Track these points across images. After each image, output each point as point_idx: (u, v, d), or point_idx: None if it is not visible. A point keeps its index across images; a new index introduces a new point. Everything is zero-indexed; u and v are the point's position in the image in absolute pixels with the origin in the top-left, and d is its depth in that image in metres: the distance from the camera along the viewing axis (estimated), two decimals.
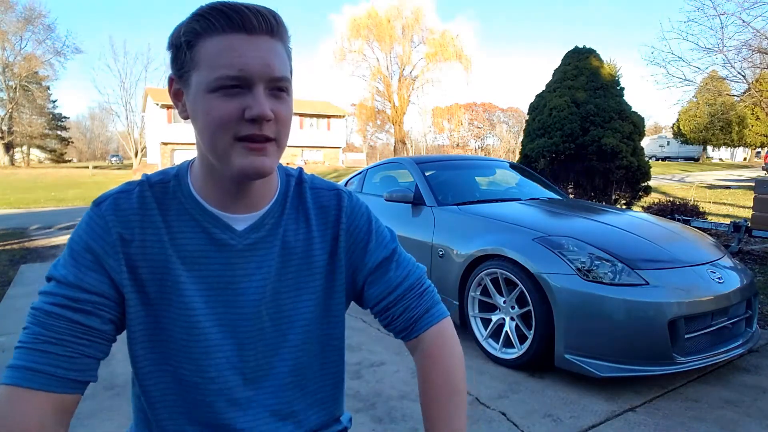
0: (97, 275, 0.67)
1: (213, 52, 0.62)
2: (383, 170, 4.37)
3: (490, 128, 53.43)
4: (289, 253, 0.76)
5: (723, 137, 34.86)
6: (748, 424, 2.02)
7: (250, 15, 0.62)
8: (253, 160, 0.64)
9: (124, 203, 0.70)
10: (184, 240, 0.71)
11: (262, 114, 0.62)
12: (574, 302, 2.29)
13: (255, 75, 0.62)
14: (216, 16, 0.62)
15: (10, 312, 3.58)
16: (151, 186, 0.73)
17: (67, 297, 0.65)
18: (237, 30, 0.62)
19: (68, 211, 11.11)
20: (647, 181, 6.48)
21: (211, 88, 0.62)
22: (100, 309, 0.67)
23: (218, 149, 0.64)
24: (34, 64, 39.40)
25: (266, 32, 0.63)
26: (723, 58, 12.92)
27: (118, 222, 0.69)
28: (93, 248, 0.68)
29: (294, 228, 0.77)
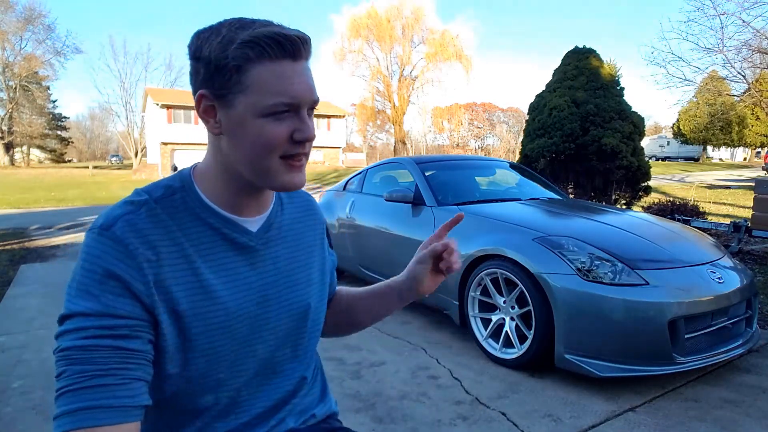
0: (126, 300, 0.64)
1: (266, 79, 0.65)
2: (383, 170, 4.37)
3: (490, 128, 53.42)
4: (297, 245, 0.84)
5: (723, 137, 34.87)
6: (748, 424, 2.02)
7: (299, 43, 0.66)
8: (294, 176, 0.71)
9: (140, 223, 0.67)
10: (208, 249, 0.73)
11: (311, 137, 0.69)
12: (574, 302, 2.29)
13: (303, 101, 0.68)
14: (270, 44, 0.64)
15: (10, 312, 3.58)
16: (157, 202, 0.71)
17: (101, 327, 0.62)
18: (285, 57, 0.66)
19: (68, 211, 11.11)
20: (647, 181, 6.48)
21: (264, 113, 0.66)
22: (138, 331, 0.65)
23: (262, 167, 0.69)
24: (34, 64, 39.42)
25: (306, 58, 0.69)
26: (723, 58, 12.94)
27: (140, 244, 0.66)
28: (117, 275, 0.64)
29: (294, 223, 0.85)
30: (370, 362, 2.66)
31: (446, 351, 2.82)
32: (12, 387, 2.38)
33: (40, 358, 2.70)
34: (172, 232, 0.70)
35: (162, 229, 0.69)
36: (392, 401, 2.23)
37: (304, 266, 0.84)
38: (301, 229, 0.86)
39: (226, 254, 0.74)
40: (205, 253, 0.72)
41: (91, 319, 0.62)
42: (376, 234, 3.72)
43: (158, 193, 0.72)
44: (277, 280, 0.80)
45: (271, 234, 0.80)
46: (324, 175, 24.22)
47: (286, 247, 0.82)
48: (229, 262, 0.74)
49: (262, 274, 0.78)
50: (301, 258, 0.84)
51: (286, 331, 0.82)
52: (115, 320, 0.63)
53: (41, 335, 3.07)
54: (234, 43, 0.64)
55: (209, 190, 0.74)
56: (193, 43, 0.67)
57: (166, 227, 0.69)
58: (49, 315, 3.45)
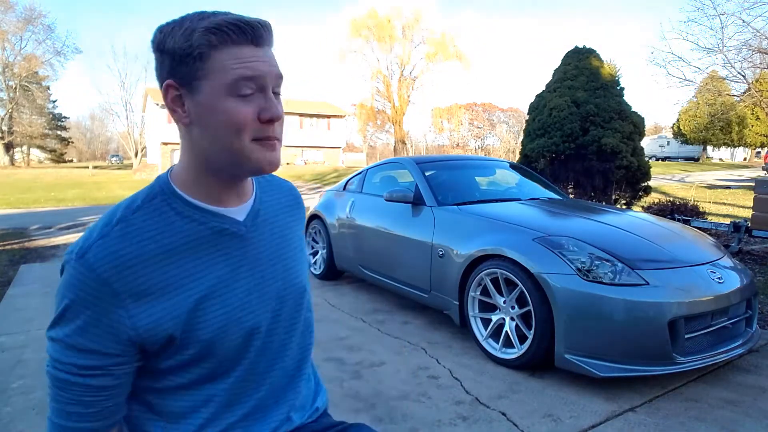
0: (105, 333, 0.67)
1: (229, 61, 0.67)
2: (383, 170, 4.37)
3: (490, 128, 53.41)
4: (283, 231, 0.86)
5: (723, 137, 34.87)
6: (748, 424, 2.02)
7: (260, 29, 0.69)
8: (267, 155, 0.71)
9: (112, 246, 0.67)
10: (197, 245, 0.73)
11: (277, 115, 0.70)
12: (574, 302, 2.29)
13: (267, 77, 0.69)
14: (232, 29, 0.67)
15: (10, 312, 3.58)
16: (134, 213, 0.71)
17: (74, 365, 0.67)
18: (246, 42, 0.68)
19: (68, 211, 11.11)
20: (647, 181, 6.48)
21: (228, 92, 0.67)
22: (111, 368, 0.69)
23: (234, 149, 0.69)
24: (34, 64, 39.41)
25: (266, 43, 0.71)
26: (723, 58, 12.93)
27: (113, 271, 0.66)
28: (90, 305, 0.66)
29: (278, 209, 0.87)
30: (370, 362, 2.66)
31: (446, 351, 2.82)
32: (12, 387, 2.38)
33: (40, 358, 2.70)
34: (154, 240, 0.70)
35: (140, 239, 0.69)
36: (392, 401, 2.23)
37: (294, 252, 0.87)
38: (286, 218, 0.88)
39: (219, 247, 0.75)
40: (195, 250, 0.73)
41: (68, 354, 0.68)
42: (376, 234, 3.72)
43: (136, 203, 0.72)
44: (274, 263, 0.82)
45: (259, 221, 0.81)
46: (324, 175, 24.19)
47: (275, 233, 0.84)
48: (223, 255, 0.75)
49: (257, 260, 0.79)
50: (291, 244, 0.87)
51: (289, 312, 0.84)
52: (88, 358, 0.67)
53: (41, 335, 3.06)
54: (197, 31, 0.66)
55: (189, 188, 0.74)
56: (156, 37, 0.69)
57: (145, 238, 0.69)
58: (49, 315, 3.44)
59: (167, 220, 0.72)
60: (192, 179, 0.74)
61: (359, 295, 4.02)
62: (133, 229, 0.69)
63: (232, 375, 0.78)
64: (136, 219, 0.70)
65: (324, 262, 4.44)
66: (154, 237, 0.70)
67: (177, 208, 0.73)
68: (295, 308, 0.85)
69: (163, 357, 0.73)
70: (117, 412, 0.73)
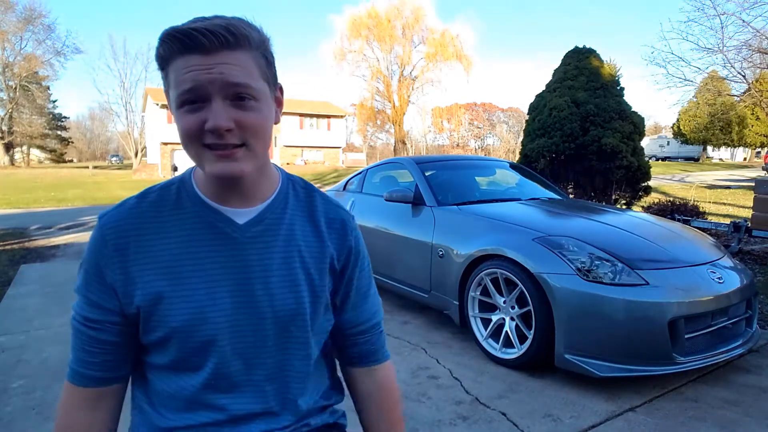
0: (102, 288, 0.75)
1: (175, 74, 0.67)
2: (383, 170, 4.37)
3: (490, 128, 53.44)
4: (293, 249, 0.80)
5: (723, 137, 34.86)
6: (748, 424, 2.02)
7: (200, 36, 0.65)
8: (223, 165, 0.70)
9: (122, 213, 0.76)
10: (190, 236, 0.76)
11: (217, 126, 0.67)
12: (574, 302, 2.29)
13: (208, 86, 0.66)
14: (172, 40, 0.66)
15: (10, 312, 3.58)
16: (150, 193, 0.79)
17: (82, 317, 0.76)
18: (192, 51, 0.66)
19: (68, 211, 11.11)
20: (647, 181, 6.48)
21: (177, 104, 0.68)
22: (108, 325, 0.76)
23: (193, 156, 0.71)
24: (34, 64, 39.41)
25: (222, 47, 0.66)
26: (723, 58, 12.94)
27: (112, 234, 0.75)
28: (96, 262, 0.75)
29: (301, 227, 0.82)
30: None
31: (446, 351, 2.82)
32: (12, 387, 2.38)
33: (40, 358, 2.71)
34: (152, 221, 0.76)
35: (142, 217, 0.76)
36: None
37: (296, 273, 0.80)
38: (308, 241, 0.82)
39: (208, 241, 0.76)
40: (186, 238, 0.76)
41: (81, 306, 0.76)
42: (376, 234, 3.72)
43: (159, 185, 0.80)
44: (265, 276, 0.77)
45: (259, 230, 0.78)
46: (324, 175, 24.21)
47: (277, 248, 0.79)
48: (209, 249, 0.76)
49: (242, 268, 0.76)
50: (296, 264, 0.80)
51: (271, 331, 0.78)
52: (92, 311, 0.75)
53: (41, 335, 3.07)
54: (159, 40, 0.68)
55: (201, 182, 0.78)
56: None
57: (147, 216, 0.76)
58: (49, 315, 3.45)
59: (171, 205, 0.77)
60: (202, 175, 0.78)
61: None
62: (144, 204, 0.77)
63: (200, 374, 0.76)
64: (150, 197, 0.78)
65: None
66: (155, 216, 0.76)
67: (183, 197, 0.78)
68: (279, 330, 0.79)
69: (141, 330, 0.77)
70: (119, 368, 0.78)
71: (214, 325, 0.75)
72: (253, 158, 0.72)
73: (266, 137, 0.73)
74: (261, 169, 0.78)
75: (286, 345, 0.80)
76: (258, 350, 0.78)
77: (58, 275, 4.69)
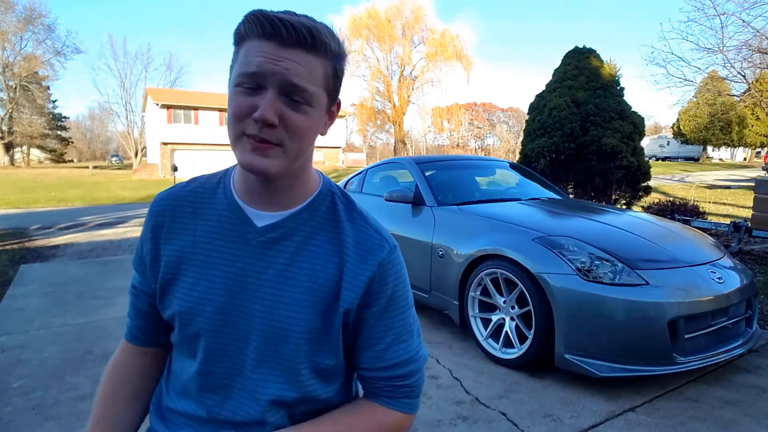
0: (140, 260, 0.84)
1: (246, 53, 0.68)
2: (383, 170, 4.37)
3: (490, 128, 53.45)
4: (303, 263, 0.75)
5: (723, 137, 34.87)
6: (748, 424, 2.02)
7: (281, 27, 0.65)
8: (252, 157, 0.68)
9: (168, 195, 0.83)
10: (213, 228, 0.78)
11: (264, 117, 0.65)
12: (574, 302, 2.29)
13: (268, 76, 0.66)
14: (255, 22, 0.67)
15: (10, 312, 3.58)
16: (195, 180, 0.84)
17: (131, 283, 0.87)
18: (270, 38, 0.66)
19: (68, 211, 11.10)
20: (647, 181, 6.48)
21: (235, 81, 0.68)
22: (142, 295, 0.85)
23: (232, 138, 0.70)
24: (34, 64, 39.42)
25: (298, 45, 0.66)
26: (723, 58, 12.95)
27: (154, 212, 0.81)
28: (141, 237, 0.84)
29: (320, 243, 0.76)
30: None
31: (446, 351, 2.82)
32: (12, 387, 2.37)
33: (40, 358, 2.70)
34: (186, 207, 0.80)
35: (180, 202, 0.81)
36: None
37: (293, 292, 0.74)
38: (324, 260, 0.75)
39: (226, 238, 0.77)
40: (209, 230, 0.78)
41: (133, 273, 0.87)
42: None
43: (203, 178, 0.85)
44: (268, 287, 0.74)
45: (273, 237, 0.75)
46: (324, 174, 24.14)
47: (284, 260, 0.74)
48: (220, 245, 0.77)
49: (248, 271, 0.74)
50: (293, 281, 0.74)
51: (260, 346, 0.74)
52: (134, 278, 0.86)
53: (41, 335, 3.07)
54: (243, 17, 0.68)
55: (236, 178, 0.80)
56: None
57: (183, 202, 0.81)
58: (49, 315, 3.45)
59: (208, 195, 0.81)
60: (239, 171, 0.79)
61: None
62: (186, 190, 0.83)
63: (195, 362, 0.79)
64: (195, 184, 0.83)
65: None
66: (192, 202, 0.81)
67: (220, 189, 0.81)
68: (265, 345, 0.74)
69: (158, 305, 0.83)
70: (154, 335, 0.87)
71: (203, 320, 0.76)
72: (285, 160, 0.69)
73: (306, 143, 0.71)
74: (294, 175, 0.75)
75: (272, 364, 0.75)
76: (240, 360, 0.75)
77: (58, 275, 4.68)
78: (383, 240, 0.78)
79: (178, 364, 0.83)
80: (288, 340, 0.74)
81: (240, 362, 0.76)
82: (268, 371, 0.75)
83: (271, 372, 0.75)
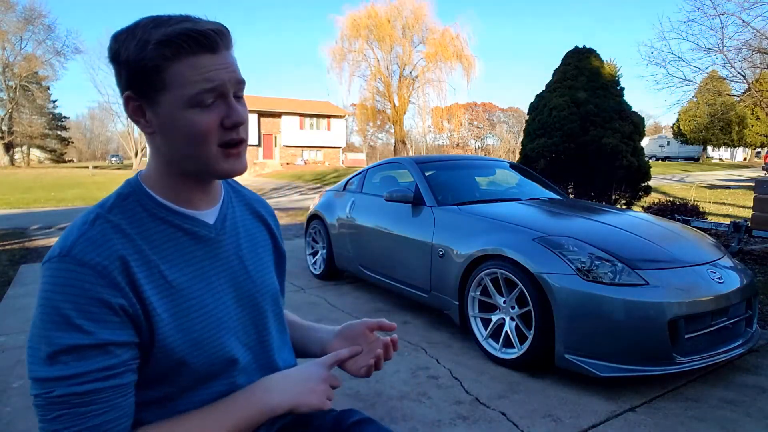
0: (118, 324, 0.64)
1: (185, 73, 0.66)
2: (383, 170, 4.37)
3: (490, 128, 53.46)
4: (253, 237, 0.88)
5: (723, 137, 34.87)
6: (748, 424, 2.02)
7: (215, 36, 0.67)
8: (233, 163, 0.72)
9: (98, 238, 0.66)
10: (171, 247, 0.73)
11: (241, 120, 0.70)
12: (574, 302, 2.29)
13: (227, 84, 0.68)
14: (185, 40, 0.65)
15: (10, 312, 3.58)
16: (110, 211, 0.70)
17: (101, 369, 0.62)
18: (204, 51, 0.67)
19: (68, 211, 11.11)
20: (647, 181, 6.48)
21: (189, 104, 0.67)
22: (131, 362, 0.66)
23: (201, 157, 0.70)
24: (34, 64, 39.42)
25: (226, 48, 0.69)
26: (723, 58, 12.96)
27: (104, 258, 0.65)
28: (101, 298, 0.63)
29: (248, 217, 0.89)
30: None
31: (446, 351, 2.82)
32: (12, 387, 2.38)
33: None
34: (130, 238, 0.69)
35: (120, 236, 0.68)
36: (392, 401, 2.23)
37: (261, 257, 0.88)
38: (251, 226, 0.89)
39: (190, 250, 0.75)
40: (168, 252, 0.72)
41: (87, 361, 0.61)
42: (376, 234, 3.72)
43: (110, 202, 0.72)
44: (245, 266, 0.83)
45: (227, 225, 0.82)
46: (324, 175, 24.19)
47: (242, 238, 0.85)
48: (194, 257, 0.76)
49: (227, 263, 0.80)
50: (257, 250, 0.87)
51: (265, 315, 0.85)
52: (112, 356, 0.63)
53: None
54: (150, 44, 0.65)
55: (160, 190, 0.74)
56: (111, 47, 0.68)
57: (124, 234, 0.69)
58: None
59: (140, 219, 0.71)
60: (162, 181, 0.74)
61: (359, 295, 4.02)
62: (111, 225, 0.68)
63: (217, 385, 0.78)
64: (112, 216, 0.70)
65: (324, 262, 4.44)
66: (134, 235, 0.70)
67: (149, 208, 0.73)
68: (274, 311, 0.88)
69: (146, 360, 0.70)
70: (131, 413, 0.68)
71: (226, 326, 0.77)
72: (246, 153, 0.76)
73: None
74: None
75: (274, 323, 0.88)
76: (261, 336, 0.84)
77: None
78: (259, 196, 0.98)
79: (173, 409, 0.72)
80: (278, 298, 0.90)
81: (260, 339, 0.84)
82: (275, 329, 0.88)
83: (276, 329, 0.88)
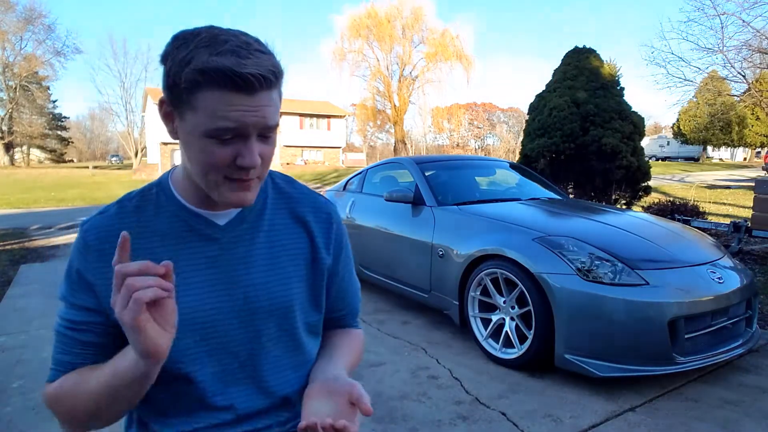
0: (84, 294, 0.75)
1: (213, 104, 0.64)
2: (383, 170, 4.37)
3: (490, 128, 53.48)
4: (280, 245, 0.83)
5: (723, 137, 34.88)
6: (748, 424, 2.02)
7: (253, 81, 0.63)
8: (239, 195, 0.71)
9: (104, 219, 0.77)
10: (174, 240, 0.76)
11: (253, 164, 0.68)
12: (574, 302, 2.29)
13: (249, 128, 0.66)
14: (221, 77, 0.63)
15: (10, 312, 3.58)
16: (130, 199, 0.79)
17: (67, 320, 0.76)
18: (240, 90, 0.64)
19: (68, 211, 11.11)
20: (647, 181, 6.48)
21: (207, 134, 0.66)
22: (93, 325, 0.75)
23: (208, 182, 0.71)
24: (34, 64, 39.42)
25: (265, 89, 0.66)
26: (723, 58, 12.96)
27: (96, 239, 0.75)
28: (78, 269, 0.75)
29: (282, 221, 0.84)
30: (369, 362, 2.66)
31: (446, 351, 2.82)
32: (12, 387, 2.38)
33: (40, 358, 2.70)
34: (136, 226, 0.75)
35: (121, 225, 0.75)
36: (392, 401, 2.23)
37: (282, 267, 0.82)
38: (282, 233, 0.83)
39: (190, 245, 0.76)
40: (170, 244, 0.76)
41: (66, 309, 0.76)
42: (376, 234, 3.72)
43: (137, 191, 0.81)
44: (251, 273, 0.79)
45: (243, 229, 0.80)
46: (324, 175, 24.21)
47: (259, 245, 0.80)
48: (193, 253, 0.76)
49: (228, 267, 0.78)
50: (279, 259, 0.82)
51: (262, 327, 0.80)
52: (76, 313, 0.75)
53: (41, 335, 3.07)
54: (190, 65, 0.63)
55: (181, 188, 0.78)
56: (166, 46, 0.67)
57: (129, 221, 0.76)
58: (49, 315, 3.45)
59: (151, 210, 0.78)
60: (184, 181, 0.78)
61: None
62: (124, 211, 0.77)
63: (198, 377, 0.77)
64: (129, 203, 0.78)
65: None
66: (137, 221, 0.76)
67: (163, 202, 0.78)
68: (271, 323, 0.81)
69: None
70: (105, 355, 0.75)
71: (202, 327, 0.75)
72: (259, 185, 0.74)
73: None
74: None
75: (278, 338, 0.82)
76: (252, 346, 0.80)
77: (58, 275, 4.67)
78: (331, 203, 0.92)
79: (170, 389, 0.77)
80: (288, 313, 0.82)
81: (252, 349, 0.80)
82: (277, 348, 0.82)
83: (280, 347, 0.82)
